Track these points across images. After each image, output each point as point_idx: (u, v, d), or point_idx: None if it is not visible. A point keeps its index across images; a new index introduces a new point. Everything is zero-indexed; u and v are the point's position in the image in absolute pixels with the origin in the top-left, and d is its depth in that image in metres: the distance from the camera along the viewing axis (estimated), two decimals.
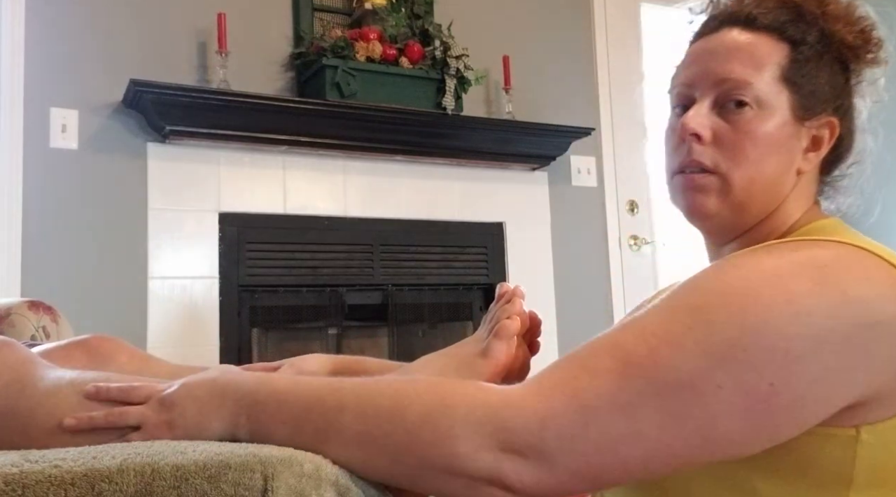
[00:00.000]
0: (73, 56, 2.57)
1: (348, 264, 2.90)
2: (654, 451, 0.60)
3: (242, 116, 2.65)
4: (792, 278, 0.64)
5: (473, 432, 0.59)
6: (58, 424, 0.66)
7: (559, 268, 3.32)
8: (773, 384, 0.60)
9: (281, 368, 0.94)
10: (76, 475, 0.52)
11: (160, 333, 2.56)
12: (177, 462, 0.54)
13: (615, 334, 0.66)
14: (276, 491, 0.54)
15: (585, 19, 3.56)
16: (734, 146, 0.78)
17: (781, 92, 0.78)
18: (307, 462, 0.57)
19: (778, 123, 0.78)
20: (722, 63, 0.79)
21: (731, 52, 0.79)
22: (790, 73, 0.78)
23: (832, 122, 0.80)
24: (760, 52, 0.79)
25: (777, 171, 0.79)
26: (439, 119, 2.94)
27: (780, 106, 0.78)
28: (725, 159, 0.78)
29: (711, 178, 0.79)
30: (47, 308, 1.74)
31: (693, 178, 0.80)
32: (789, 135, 0.79)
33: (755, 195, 0.79)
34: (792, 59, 0.78)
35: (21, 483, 0.51)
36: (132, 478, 0.52)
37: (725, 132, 0.78)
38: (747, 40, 0.79)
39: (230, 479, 0.54)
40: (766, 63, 0.78)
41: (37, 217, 2.47)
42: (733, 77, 0.78)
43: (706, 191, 0.79)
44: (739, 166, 0.78)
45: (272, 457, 0.56)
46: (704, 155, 0.79)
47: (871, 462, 0.65)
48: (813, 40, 0.79)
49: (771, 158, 0.78)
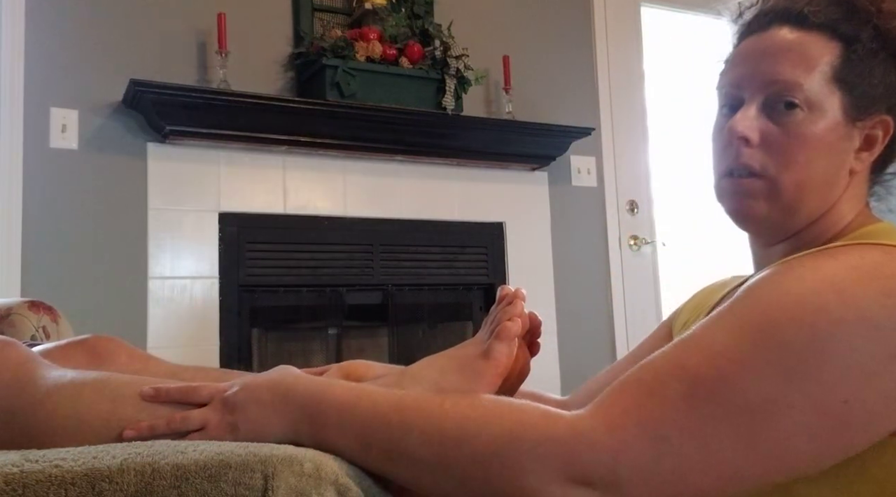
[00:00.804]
0: (73, 56, 2.57)
1: (348, 264, 2.90)
2: (728, 477, 0.59)
3: (242, 116, 2.65)
4: (858, 288, 0.63)
5: (542, 466, 0.58)
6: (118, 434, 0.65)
7: (559, 268, 3.32)
8: (847, 401, 0.59)
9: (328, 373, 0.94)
10: (76, 475, 0.52)
11: (160, 333, 2.56)
12: (177, 462, 0.54)
13: (679, 355, 0.64)
14: (276, 490, 0.54)
15: (585, 19, 3.56)
16: (784, 149, 0.76)
17: (833, 92, 0.76)
18: (307, 461, 0.57)
19: (829, 125, 0.76)
20: (772, 64, 0.77)
21: (781, 52, 0.77)
22: (842, 73, 0.76)
23: (886, 121, 0.78)
24: (811, 52, 0.76)
25: (828, 173, 0.77)
26: (439, 119, 2.94)
27: (832, 107, 0.76)
28: (774, 163, 0.77)
29: (759, 183, 0.77)
30: (47, 308, 1.74)
31: (741, 182, 0.78)
32: (841, 136, 0.77)
33: (805, 198, 0.77)
34: (844, 58, 0.76)
35: (21, 483, 0.51)
36: (132, 477, 0.52)
37: (775, 135, 0.77)
38: (798, 40, 0.77)
39: (230, 479, 0.54)
40: (818, 63, 0.76)
41: (37, 217, 2.46)
42: (783, 78, 0.76)
43: (754, 195, 0.78)
44: (788, 170, 0.76)
45: (272, 456, 0.56)
46: (753, 158, 0.77)
47: None
48: (867, 38, 0.77)
49: (821, 161, 0.76)
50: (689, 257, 3.58)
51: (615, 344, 3.42)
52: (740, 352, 0.61)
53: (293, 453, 0.57)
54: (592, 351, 3.36)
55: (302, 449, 0.59)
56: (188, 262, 2.63)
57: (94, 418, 0.66)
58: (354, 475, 0.60)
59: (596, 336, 3.39)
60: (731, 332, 0.63)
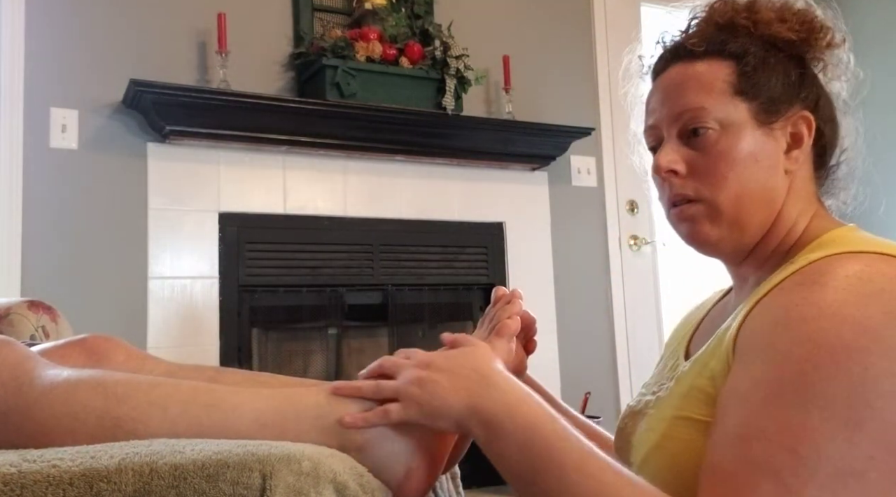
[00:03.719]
0: (73, 56, 2.57)
1: (348, 264, 2.90)
2: None
3: (242, 116, 2.65)
4: (863, 311, 0.64)
5: None
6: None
7: (559, 268, 3.32)
8: (873, 458, 0.60)
9: None
10: (74, 475, 0.52)
11: (160, 333, 2.56)
12: (175, 461, 0.54)
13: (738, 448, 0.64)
14: (274, 489, 0.53)
15: (585, 19, 3.56)
16: (710, 171, 0.80)
17: (738, 105, 0.80)
18: (305, 460, 0.57)
19: (745, 136, 0.80)
20: (675, 98, 0.83)
21: (680, 85, 0.83)
22: (741, 86, 0.80)
23: (805, 116, 0.81)
24: (706, 76, 0.81)
25: (760, 180, 0.80)
26: (439, 119, 2.94)
27: (741, 119, 0.80)
28: (706, 186, 0.80)
29: (699, 207, 0.81)
30: (47, 308, 1.73)
31: (683, 209, 0.83)
32: (760, 142, 0.80)
33: (747, 210, 0.80)
34: (738, 72, 0.81)
35: (19, 483, 0.51)
36: (130, 477, 0.52)
37: (698, 160, 0.81)
38: (692, 70, 0.83)
39: (229, 478, 0.53)
40: (715, 84, 0.81)
41: (37, 217, 2.46)
42: (688, 107, 0.81)
43: (698, 219, 0.82)
44: (721, 188, 0.80)
45: (270, 455, 0.55)
46: (686, 187, 0.82)
47: None
48: (754, 49, 0.81)
49: (750, 171, 0.79)
50: (689, 257, 3.57)
51: (615, 344, 3.41)
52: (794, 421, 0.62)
53: (291, 452, 0.57)
54: (592, 351, 3.36)
55: (300, 447, 0.59)
56: (188, 262, 2.63)
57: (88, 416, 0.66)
58: (352, 473, 0.60)
59: (596, 336, 3.39)
60: (769, 402, 0.64)
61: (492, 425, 0.68)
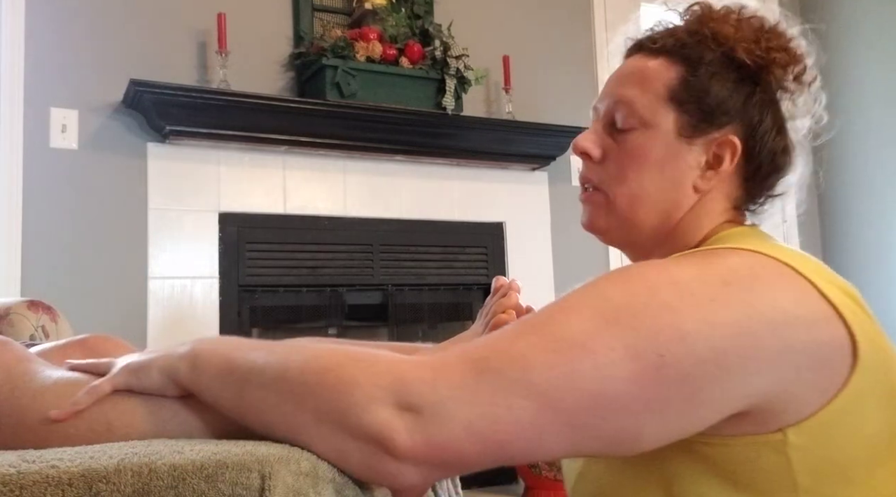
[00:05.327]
0: (73, 56, 2.57)
1: (348, 264, 2.90)
2: (551, 406, 0.59)
3: (242, 116, 2.65)
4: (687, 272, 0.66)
5: (372, 383, 0.58)
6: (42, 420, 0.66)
7: (559, 268, 3.32)
8: (663, 356, 0.60)
9: None
10: (73, 475, 0.52)
11: (160, 333, 2.56)
12: (174, 462, 0.54)
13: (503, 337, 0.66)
14: (273, 490, 0.53)
15: (586, 19, 3.56)
16: (618, 165, 0.81)
17: (668, 112, 0.79)
18: (304, 460, 0.57)
19: (661, 143, 0.79)
20: (616, 86, 0.84)
21: (626, 75, 0.84)
22: (677, 94, 0.79)
23: (731, 140, 0.79)
24: (650, 74, 0.81)
25: (661, 188, 0.80)
26: (439, 119, 2.94)
27: (665, 126, 0.79)
28: (609, 178, 0.82)
29: (598, 195, 0.83)
30: (47, 308, 1.74)
31: (586, 195, 0.85)
32: (674, 154, 0.79)
33: (640, 212, 0.81)
34: (682, 79, 0.79)
35: (18, 483, 0.51)
36: (129, 478, 0.52)
37: (613, 151, 0.82)
38: (642, 64, 0.83)
39: (227, 479, 0.53)
40: (654, 84, 0.80)
41: (37, 217, 2.47)
42: (621, 98, 0.82)
43: (595, 207, 0.84)
44: (620, 184, 0.81)
45: (270, 456, 0.55)
46: (593, 172, 0.84)
47: (807, 464, 0.65)
48: (712, 60, 0.80)
49: (651, 176, 0.80)
50: None
51: None
52: (568, 302, 0.65)
53: (290, 452, 0.57)
54: None
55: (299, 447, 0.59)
56: (188, 262, 2.63)
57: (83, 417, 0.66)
58: None
59: None
60: (566, 295, 0.67)
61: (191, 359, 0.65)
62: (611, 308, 0.62)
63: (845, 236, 3.85)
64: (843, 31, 3.79)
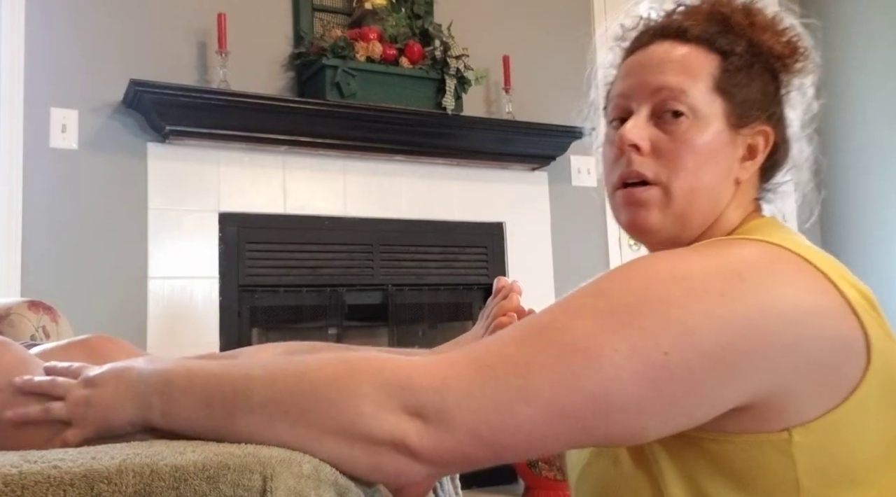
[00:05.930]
0: (73, 56, 2.57)
1: (348, 264, 2.90)
2: (554, 412, 0.59)
3: (242, 116, 2.65)
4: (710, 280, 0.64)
5: (379, 393, 0.58)
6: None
7: (559, 268, 3.32)
8: (668, 353, 0.60)
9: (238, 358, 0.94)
10: (75, 476, 0.52)
11: (160, 333, 2.56)
12: (176, 463, 0.54)
13: None
14: (275, 492, 0.54)
15: (586, 19, 3.56)
16: (673, 156, 0.77)
17: (715, 101, 0.78)
18: (306, 462, 0.57)
19: (714, 132, 0.78)
20: (657, 74, 0.79)
21: (664, 63, 0.80)
22: (723, 83, 0.78)
23: (766, 130, 0.80)
24: (693, 62, 0.79)
25: (716, 179, 0.78)
26: (439, 119, 2.94)
27: (716, 115, 0.78)
28: (665, 170, 0.78)
29: (653, 191, 0.78)
30: (47, 308, 1.74)
31: (633, 192, 0.79)
32: (725, 143, 0.78)
33: (695, 205, 0.78)
34: (723, 69, 0.79)
35: (20, 484, 0.51)
36: (131, 479, 0.52)
37: (664, 142, 0.78)
38: (680, 52, 0.80)
39: (229, 480, 0.54)
40: (700, 73, 0.78)
41: (37, 217, 2.47)
42: (669, 86, 0.78)
43: (648, 205, 0.79)
44: (679, 176, 0.77)
45: (271, 457, 0.55)
46: (645, 166, 0.78)
47: (812, 465, 0.65)
48: (742, 51, 0.79)
49: (710, 167, 0.78)
50: None
51: None
52: (572, 303, 0.65)
53: (292, 455, 0.57)
54: None
55: None
56: (188, 262, 2.63)
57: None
58: None
59: None
60: (571, 294, 0.67)
61: (166, 393, 0.64)
62: (614, 308, 0.62)
63: (845, 236, 3.85)
64: (843, 30, 3.79)
